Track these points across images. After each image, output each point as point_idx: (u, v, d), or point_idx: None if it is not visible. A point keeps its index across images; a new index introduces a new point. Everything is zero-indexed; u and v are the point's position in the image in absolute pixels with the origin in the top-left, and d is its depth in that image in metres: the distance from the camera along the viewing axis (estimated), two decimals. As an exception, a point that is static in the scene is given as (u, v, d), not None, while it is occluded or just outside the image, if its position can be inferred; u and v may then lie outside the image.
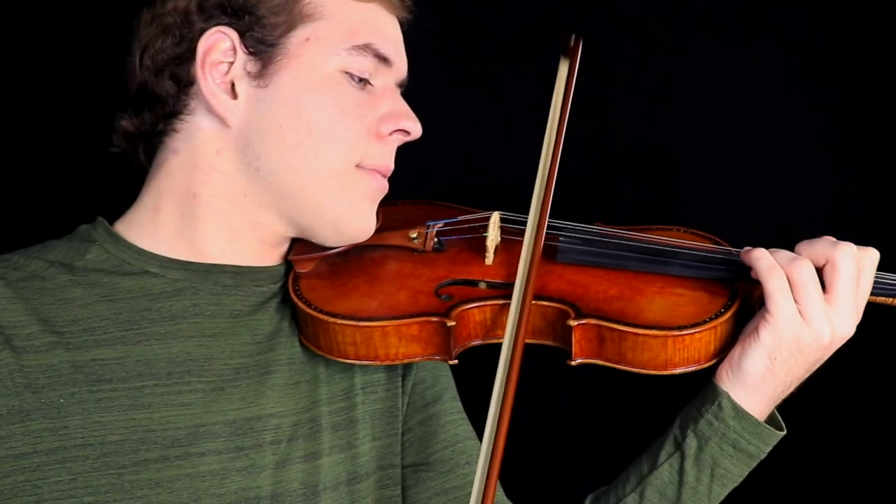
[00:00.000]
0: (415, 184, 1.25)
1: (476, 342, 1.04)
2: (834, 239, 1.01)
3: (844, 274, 0.98)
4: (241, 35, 0.99)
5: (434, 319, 1.00)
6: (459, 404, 1.18)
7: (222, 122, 1.00)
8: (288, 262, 1.09)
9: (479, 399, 1.01)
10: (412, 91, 1.11)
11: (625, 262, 1.06)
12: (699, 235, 1.14)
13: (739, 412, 1.01)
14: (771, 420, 1.04)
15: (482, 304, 1.02)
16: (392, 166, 1.07)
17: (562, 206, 1.07)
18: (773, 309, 0.98)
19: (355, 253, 1.10)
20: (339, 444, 1.04)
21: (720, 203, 1.62)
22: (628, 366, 1.01)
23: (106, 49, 1.11)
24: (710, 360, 1.02)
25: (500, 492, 1.15)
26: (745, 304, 1.04)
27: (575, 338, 1.00)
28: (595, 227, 1.11)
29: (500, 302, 1.02)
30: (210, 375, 0.98)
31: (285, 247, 1.09)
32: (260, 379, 1.00)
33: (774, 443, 1.03)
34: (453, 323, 1.00)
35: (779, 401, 1.03)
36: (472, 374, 1.12)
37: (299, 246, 1.09)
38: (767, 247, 1.03)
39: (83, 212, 1.07)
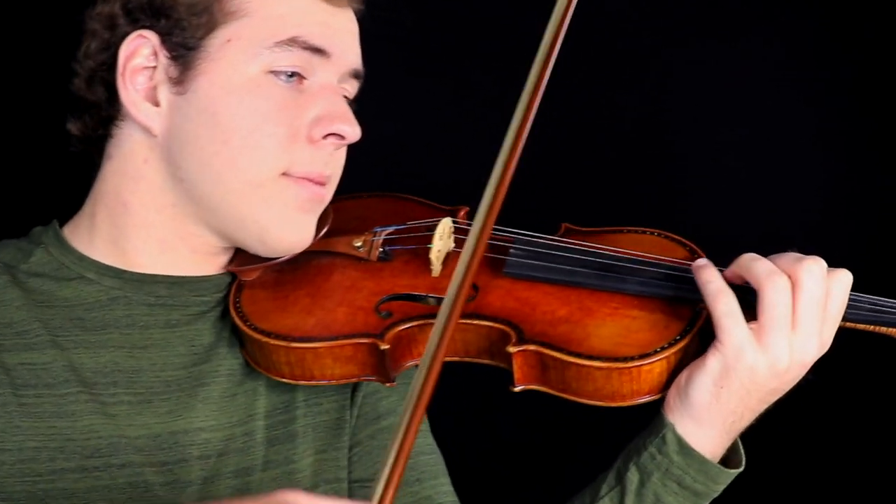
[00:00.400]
0: (394, 177, 1.21)
1: (417, 362, 0.98)
2: (799, 254, 0.91)
3: (808, 293, 0.88)
4: (162, 38, 0.96)
5: (366, 341, 0.95)
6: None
7: (147, 130, 0.97)
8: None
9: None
10: (387, 84, 1.06)
11: (578, 279, 0.98)
12: (674, 241, 1.04)
13: (684, 447, 0.92)
14: (732, 452, 0.96)
15: (422, 322, 0.96)
16: (327, 172, 1.00)
17: (555, 205, 1.01)
18: (721, 335, 0.89)
19: (303, 259, 1.05)
20: (276, 459, 1.01)
21: (715, 201, 1.55)
22: (574, 395, 0.93)
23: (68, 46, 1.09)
24: (664, 392, 0.94)
25: None
26: (710, 328, 0.95)
27: (516, 364, 0.93)
28: (549, 239, 1.03)
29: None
30: (138, 387, 0.96)
31: (228, 255, 1.05)
32: (191, 392, 0.98)
33: (726, 481, 0.94)
34: (387, 346, 0.94)
35: (735, 433, 0.94)
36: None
37: (243, 254, 1.05)
38: (758, 248, 0.94)
39: (53, 213, 1.06)
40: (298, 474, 1.02)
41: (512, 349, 0.92)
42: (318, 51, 0.97)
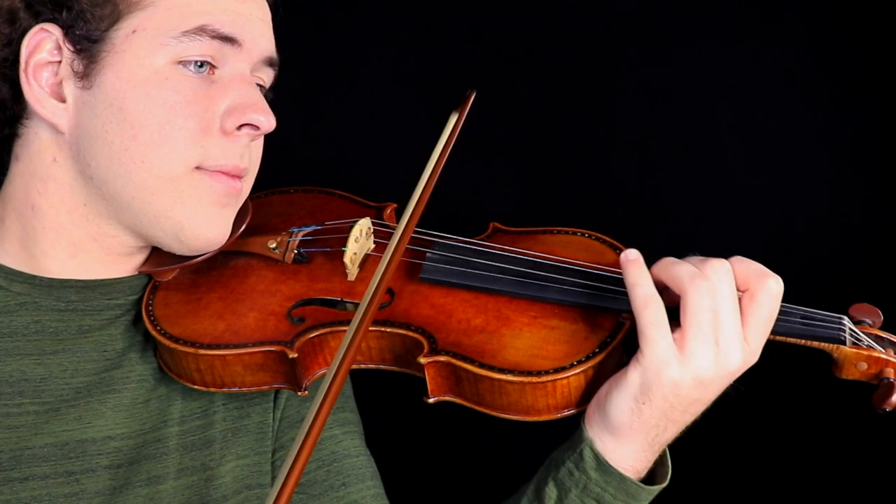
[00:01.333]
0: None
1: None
2: (701, 257, 0.87)
3: (721, 296, 0.83)
4: (65, 31, 0.91)
5: (275, 349, 0.92)
6: (349, 416, 1.08)
7: (54, 127, 0.93)
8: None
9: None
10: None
11: (496, 286, 0.93)
12: (604, 243, 1.00)
13: (602, 464, 0.88)
14: (660, 464, 0.92)
15: (334, 329, 0.92)
16: (242, 165, 0.96)
17: (559, 204, 0.97)
18: (644, 346, 0.85)
19: (219, 260, 1.02)
20: (191, 465, 0.98)
21: (715, 202, 1.55)
22: (488, 409, 0.90)
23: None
24: (584, 406, 0.89)
25: None
26: (633, 339, 0.91)
27: (429, 374, 0.90)
28: (468, 243, 0.99)
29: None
30: (46, 396, 0.93)
31: (142, 256, 1.02)
32: (101, 398, 0.95)
33: (648, 498, 0.90)
34: (295, 355, 0.91)
35: (659, 445, 0.89)
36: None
37: (158, 254, 1.02)
38: (762, 247, 0.91)
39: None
40: (217, 481, 0.99)
41: (423, 360, 0.89)
42: (228, 39, 0.93)
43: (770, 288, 0.85)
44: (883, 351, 0.88)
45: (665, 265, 0.88)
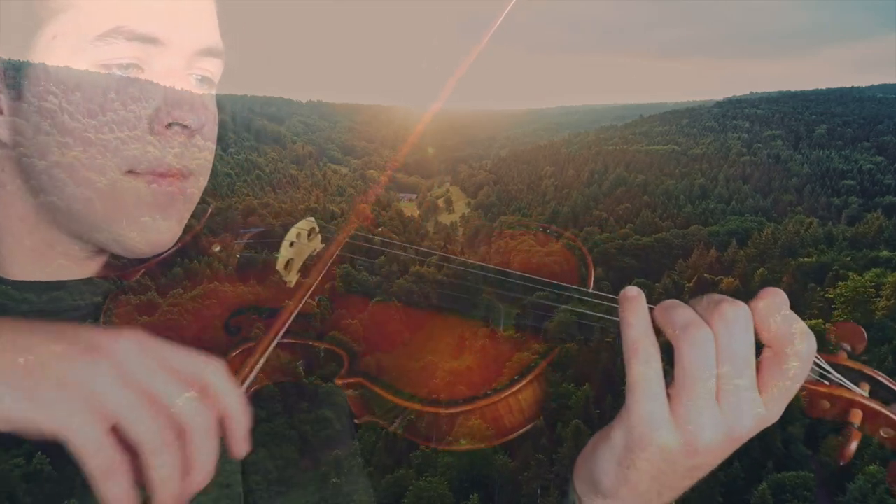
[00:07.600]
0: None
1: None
2: (718, 296, 0.74)
3: (728, 345, 0.72)
4: None
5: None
6: None
7: None
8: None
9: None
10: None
11: (428, 301, 0.88)
12: (564, 240, 0.91)
13: None
14: None
15: (262, 339, 0.89)
16: (178, 165, 0.93)
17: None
18: (630, 403, 0.75)
19: (179, 262, 1.01)
20: None
21: None
22: (405, 433, 0.84)
23: None
24: (502, 439, 0.83)
25: None
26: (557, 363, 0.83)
27: (347, 394, 0.86)
28: (415, 251, 0.92)
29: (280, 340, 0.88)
30: None
31: (103, 258, 1.02)
32: None
33: None
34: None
35: None
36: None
37: (115, 257, 1.02)
38: None
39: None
40: None
41: (339, 381, 0.85)
42: (149, 40, 0.90)
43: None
44: (848, 389, 0.75)
45: (664, 308, 0.76)
